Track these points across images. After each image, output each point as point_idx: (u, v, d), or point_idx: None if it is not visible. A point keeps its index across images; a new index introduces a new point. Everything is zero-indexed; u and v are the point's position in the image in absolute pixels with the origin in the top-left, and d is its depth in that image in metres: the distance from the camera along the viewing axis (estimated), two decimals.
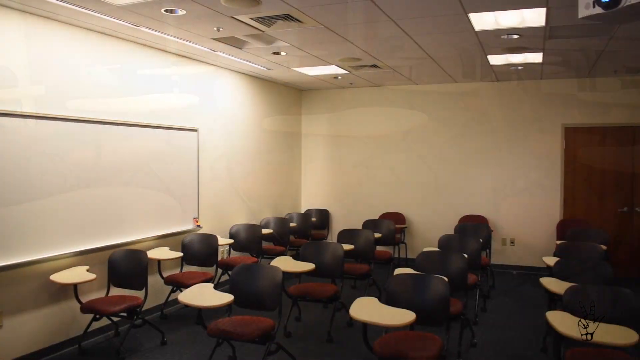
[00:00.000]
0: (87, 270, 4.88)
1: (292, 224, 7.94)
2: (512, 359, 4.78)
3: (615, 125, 7.86)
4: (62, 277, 4.65)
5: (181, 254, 5.76)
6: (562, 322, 3.41)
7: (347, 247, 5.94)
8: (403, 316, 3.51)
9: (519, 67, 7.19)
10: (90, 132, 5.11)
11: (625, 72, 7.47)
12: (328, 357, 4.82)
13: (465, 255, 5.00)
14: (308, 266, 5.20)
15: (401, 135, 8.91)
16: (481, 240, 6.19)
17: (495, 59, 6.66)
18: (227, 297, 4.06)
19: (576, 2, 3.53)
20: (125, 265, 5.14)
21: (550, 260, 5.06)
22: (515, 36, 5.47)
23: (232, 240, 6.72)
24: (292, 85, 9.04)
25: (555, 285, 4.30)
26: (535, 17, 4.80)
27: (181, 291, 5.26)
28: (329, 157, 9.39)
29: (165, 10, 4.51)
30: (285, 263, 5.20)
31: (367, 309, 3.69)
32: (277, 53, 6.35)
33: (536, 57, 6.54)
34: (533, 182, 8.21)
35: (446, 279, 4.08)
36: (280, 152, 8.84)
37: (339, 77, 8.07)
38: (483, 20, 4.94)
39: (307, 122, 9.55)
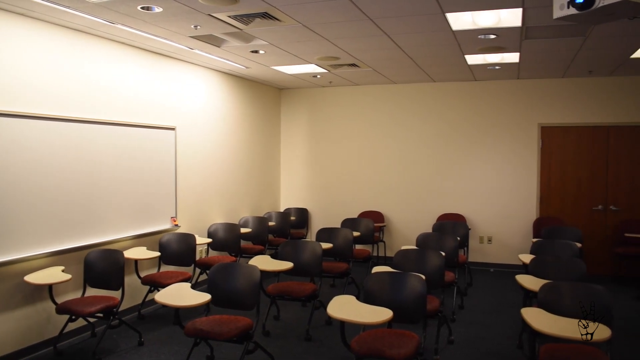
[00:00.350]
0: (63, 271, 4.81)
1: (271, 223, 7.93)
2: (489, 356, 4.82)
3: (590, 125, 7.98)
4: (37, 277, 4.57)
5: (158, 254, 5.71)
6: (537, 318, 3.46)
7: (326, 245, 5.95)
8: (380, 314, 3.52)
9: (497, 67, 7.26)
10: (66, 131, 5.04)
11: (600, 73, 7.59)
12: (306, 355, 4.82)
13: (443, 253, 5.03)
14: (286, 265, 5.19)
15: (380, 134, 8.94)
16: (458, 238, 6.23)
17: (472, 59, 6.72)
18: (204, 297, 4.03)
19: (551, 3, 3.58)
20: (102, 266, 5.08)
21: (526, 258, 5.12)
22: (492, 36, 5.52)
23: (210, 240, 6.68)
24: (271, 84, 9.02)
25: (530, 282, 4.35)
26: (511, 17, 4.86)
27: (159, 291, 5.21)
28: (308, 156, 9.39)
29: (142, 8, 4.46)
30: (263, 262, 5.19)
31: (344, 307, 3.69)
32: (256, 51, 6.33)
33: (513, 57, 6.61)
34: (510, 180, 8.30)
35: (423, 276, 4.10)
36: (259, 151, 8.82)
37: (318, 76, 8.08)
38: (460, 20, 4.98)
39: (286, 121, 9.54)
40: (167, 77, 6.56)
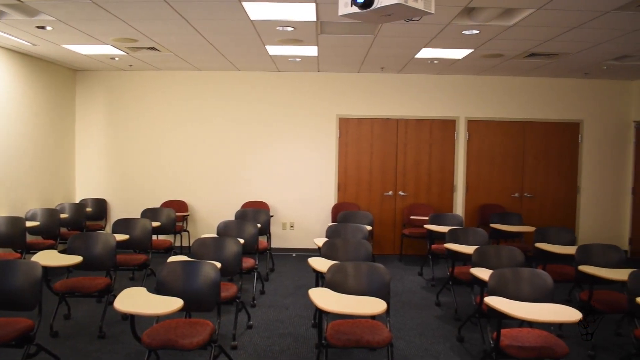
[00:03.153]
0: None
1: (63, 215, 7.33)
2: (285, 336, 5.01)
3: (382, 118, 8.66)
4: None
5: None
6: (323, 297, 3.66)
7: (121, 237, 5.66)
8: (170, 304, 3.44)
9: (297, 59, 7.51)
10: None
11: (391, 70, 8.26)
12: (99, 354, 4.56)
13: (242, 240, 5.09)
14: (74, 259, 4.82)
15: (185, 121, 8.75)
16: (259, 225, 6.36)
17: (274, 50, 6.86)
18: None
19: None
20: None
21: (320, 242, 5.39)
22: (290, 29, 5.68)
23: None
24: (64, 64, 8.30)
25: (320, 264, 4.59)
26: (306, 11, 5.03)
27: None
28: (108, 143, 8.83)
29: None
30: (48, 257, 4.76)
31: (134, 300, 3.55)
32: (42, 27, 5.78)
33: (312, 51, 6.87)
34: (311, 169, 8.69)
35: (218, 264, 4.11)
36: (50, 137, 8.08)
37: (116, 59, 7.63)
38: (258, 11, 5.04)
39: (82, 105, 8.85)
40: None
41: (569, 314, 3.42)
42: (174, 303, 3.46)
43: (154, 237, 6.79)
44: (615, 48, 6.30)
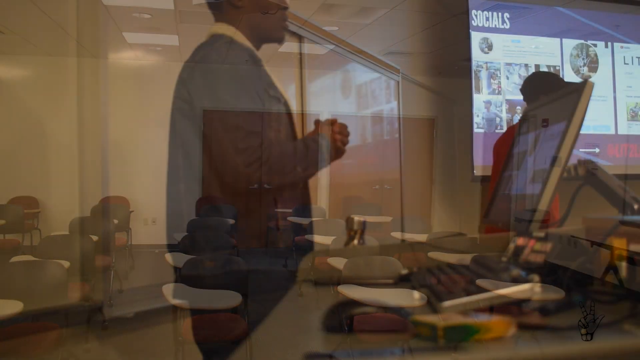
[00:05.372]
0: None
1: None
2: (144, 335, 4.85)
3: (247, 111, 8.60)
4: None
5: None
6: (178, 293, 3.60)
7: None
8: (6, 308, 3.19)
9: (158, 48, 7.26)
10: None
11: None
12: None
13: (95, 238, 4.84)
14: None
15: (35, 106, 8.09)
16: (117, 220, 6.10)
17: (132, 37, 6.58)
18: None
19: None
20: None
21: (180, 237, 5.28)
22: (147, 16, 5.47)
23: None
24: None
25: (176, 259, 4.50)
26: None
27: None
28: None
29: None
30: None
31: None
32: None
33: (173, 40, 6.67)
34: (175, 162, 8.44)
35: (67, 263, 3.88)
36: None
37: None
38: None
39: None
40: None
41: (413, 298, 3.66)
42: (12, 307, 3.20)
43: None
44: (464, 50, 6.78)
